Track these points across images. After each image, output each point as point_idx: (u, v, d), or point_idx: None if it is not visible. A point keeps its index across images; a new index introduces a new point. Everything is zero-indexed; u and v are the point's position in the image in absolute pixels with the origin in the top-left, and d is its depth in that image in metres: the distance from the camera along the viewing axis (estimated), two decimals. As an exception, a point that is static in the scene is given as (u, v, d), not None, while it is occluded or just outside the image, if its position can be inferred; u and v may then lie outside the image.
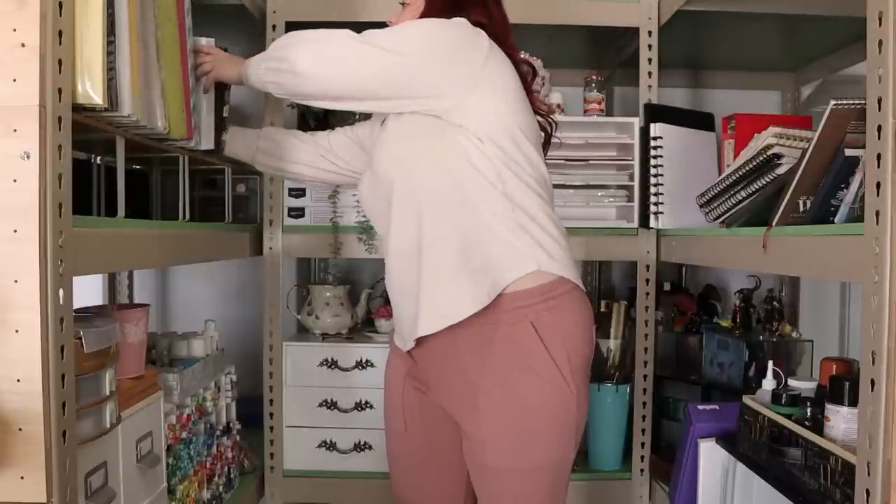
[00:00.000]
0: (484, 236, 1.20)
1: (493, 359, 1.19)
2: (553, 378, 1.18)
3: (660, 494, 1.92)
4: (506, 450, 1.20)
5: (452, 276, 1.20)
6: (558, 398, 1.19)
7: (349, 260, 2.24)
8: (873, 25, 0.92)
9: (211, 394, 1.66)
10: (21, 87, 0.87)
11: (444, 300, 1.20)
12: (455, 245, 1.20)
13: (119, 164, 1.19)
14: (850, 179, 1.17)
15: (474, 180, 1.19)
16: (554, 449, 1.21)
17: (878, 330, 0.90)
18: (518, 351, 1.19)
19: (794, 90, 2.50)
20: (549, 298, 1.19)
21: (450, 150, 1.20)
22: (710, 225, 1.63)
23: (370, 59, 1.20)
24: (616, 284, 2.54)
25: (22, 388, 0.88)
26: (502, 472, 1.21)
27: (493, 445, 1.20)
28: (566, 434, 1.22)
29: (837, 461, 1.15)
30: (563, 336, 1.20)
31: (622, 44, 2.12)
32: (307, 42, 1.25)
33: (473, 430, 1.22)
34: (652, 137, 1.90)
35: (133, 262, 1.46)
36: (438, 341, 1.23)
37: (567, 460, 1.25)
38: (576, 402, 1.20)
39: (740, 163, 1.49)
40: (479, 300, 1.18)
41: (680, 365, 2.13)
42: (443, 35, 1.22)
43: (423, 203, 1.21)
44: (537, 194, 1.23)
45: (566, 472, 1.26)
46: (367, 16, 1.92)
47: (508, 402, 1.19)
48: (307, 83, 1.24)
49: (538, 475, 1.21)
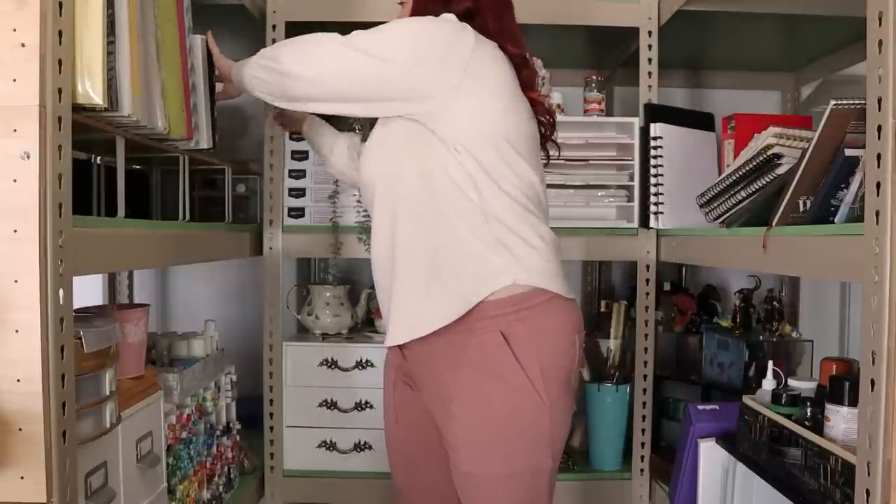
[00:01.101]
0: (458, 250, 1.18)
1: (466, 367, 1.19)
2: (523, 387, 1.16)
3: (660, 494, 1.92)
4: (478, 455, 1.19)
5: (423, 287, 1.20)
6: (530, 408, 1.17)
7: (349, 260, 2.24)
8: (873, 25, 0.92)
9: (211, 394, 1.66)
10: (21, 87, 0.87)
11: (413, 313, 1.21)
12: (426, 256, 1.19)
13: (119, 164, 1.19)
14: (850, 179, 1.17)
15: (450, 192, 1.18)
16: (526, 458, 1.19)
17: (878, 330, 0.90)
18: (489, 360, 1.18)
19: (794, 90, 2.50)
20: (522, 309, 1.18)
21: (430, 159, 1.19)
22: (710, 225, 1.63)
23: (351, 62, 1.19)
24: (616, 284, 2.54)
25: (22, 388, 0.88)
26: (475, 478, 1.20)
27: (466, 451, 1.20)
28: (539, 443, 1.19)
29: (837, 461, 1.15)
30: (537, 346, 1.18)
31: (622, 44, 2.12)
32: (294, 44, 1.26)
33: (449, 434, 1.22)
34: (652, 137, 1.90)
35: (133, 262, 1.46)
36: (418, 345, 1.23)
37: (543, 470, 1.21)
38: (548, 412, 1.18)
39: (740, 163, 1.49)
40: (447, 315, 1.18)
41: (680, 365, 2.13)
42: (425, 35, 1.19)
43: (398, 210, 1.21)
44: (521, 205, 1.20)
45: (545, 482, 1.22)
46: (366, 16, 1.91)
47: (479, 409, 1.18)
48: (292, 84, 1.24)
49: (514, 482, 1.20)
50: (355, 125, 1.90)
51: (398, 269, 1.22)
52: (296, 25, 1.93)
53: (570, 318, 1.24)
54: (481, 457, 1.19)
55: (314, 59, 1.22)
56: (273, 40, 1.91)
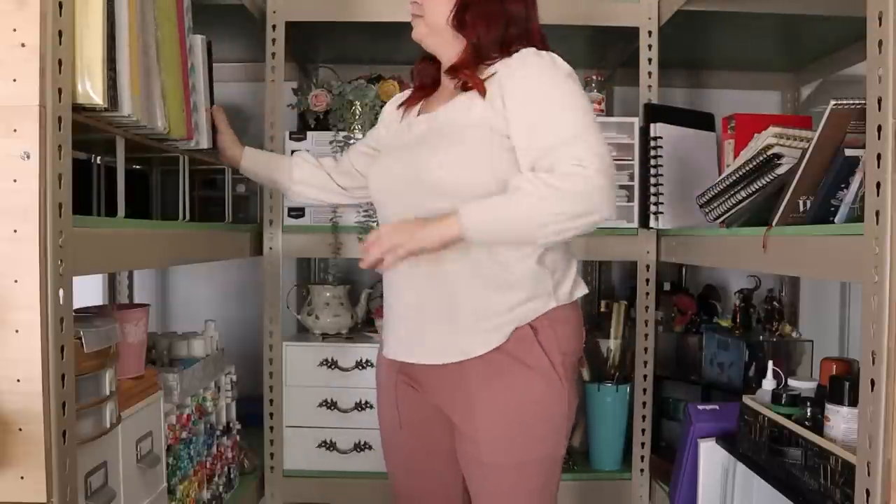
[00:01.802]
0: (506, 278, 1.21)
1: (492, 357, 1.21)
2: (547, 373, 1.21)
3: (660, 494, 1.92)
4: (500, 446, 1.21)
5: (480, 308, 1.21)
6: (552, 392, 1.22)
7: (349, 260, 2.24)
8: (873, 25, 0.92)
9: (211, 394, 1.66)
10: (21, 87, 0.87)
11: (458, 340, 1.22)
12: (475, 281, 1.21)
13: (119, 164, 1.19)
14: (850, 179, 1.17)
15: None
16: (550, 444, 1.24)
17: (878, 330, 0.90)
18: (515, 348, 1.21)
19: (794, 90, 2.50)
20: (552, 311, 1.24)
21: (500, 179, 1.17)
22: (710, 225, 1.63)
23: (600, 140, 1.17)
24: (616, 284, 2.54)
25: (22, 388, 0.88)
26: (495, 468, 1.22)
27: (488, 441, 1.21)
28: (558, 429, 1.25)
29: (837, 461, 1.15)
30: (556, 333, 1.22)
31: (622, 44, 2.12)
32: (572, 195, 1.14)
33: (468, 425, 1.23)
34: (652, 137, 1.90)
35: (133, 262, 1.46)
36: None
37: (559, 456, 1.27)
38: (567, 397, 1.23)
39: (740, 163, 1.49)
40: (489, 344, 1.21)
41: (680, 365, 2.13)
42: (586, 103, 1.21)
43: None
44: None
45: (557, 469, 1.29)
46: (366, 16, 1.92)
47: (504, 397, 1.20)
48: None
49: (530, 470, 1.23)
50: (355, 126, 1.90)
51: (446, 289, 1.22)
52: (296, 25, 1.94)
53: (578, 306, 1.31)
54: (504, 447, 1.21)
55: (593, 184, 1.12)
56: (273, 40, 1.91)
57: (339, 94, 1.96)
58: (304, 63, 2.39)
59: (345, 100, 1.95)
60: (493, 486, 1.24)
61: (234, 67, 2.38)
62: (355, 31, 2.08)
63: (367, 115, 1.93)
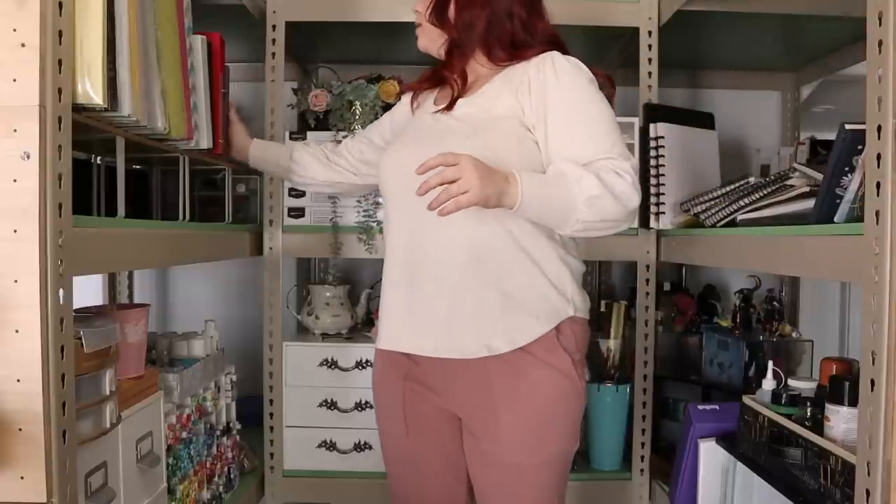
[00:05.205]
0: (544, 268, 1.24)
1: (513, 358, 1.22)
2: (570, 374, 1.24)
3: (660, 494, 1.92)
4: (525, 445, 1.23)
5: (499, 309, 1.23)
6: (573, 390, 1.25)
7: (349, 260, 2.24)
8: (873, 25, 0.92)
9: (211, 394, 1.66)
10: (21, 87, 0.87)
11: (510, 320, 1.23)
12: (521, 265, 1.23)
13: (119, 164, 1.19)
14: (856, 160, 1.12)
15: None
16: (569, 442, 1.27)
17: (878, 330, 0.90)
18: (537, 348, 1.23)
19: (794, 90, 2.50)
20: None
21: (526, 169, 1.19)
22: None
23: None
24: (616, 284, 2.54)
25: (22, 388, 0.88)
26: (515, 468, 1.23)
27: (511, 441, 1.22)
28: (573, 426, 1.28)
29: (837, 461, 1.15)
30: (577, 337, 1.27)
31: (622, 44, 2.12)
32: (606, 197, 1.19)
33: (490, 426, 1.23)
34: (652, 137, 1.90)
35: (133, 262, 1.46)
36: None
37: (572, 453, 1.30)
38: (583, 393, 1.28)
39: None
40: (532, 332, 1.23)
41: (680, 365, 2.13)
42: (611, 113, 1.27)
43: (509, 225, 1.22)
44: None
45: (568, 467, 1.31)
46: (366, 16, 1.92)
47: (529, 397, 1.21)
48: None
49: (549, 469, 1.25)
50: (355, 126, 1.90)
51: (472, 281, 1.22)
52: (296, 25, 1.94)
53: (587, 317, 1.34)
54: (527, 445, 1.23)
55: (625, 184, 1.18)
56: (273, 40, 1.91)
57: (339, 94, 1.96)
58: (304, 63, 2.39)
59: (345, 100, 1.95)
60: (512, 488, 1.24)
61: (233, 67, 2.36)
62: (355, 31, 2.08)
63: (367, 115, 1.93)
